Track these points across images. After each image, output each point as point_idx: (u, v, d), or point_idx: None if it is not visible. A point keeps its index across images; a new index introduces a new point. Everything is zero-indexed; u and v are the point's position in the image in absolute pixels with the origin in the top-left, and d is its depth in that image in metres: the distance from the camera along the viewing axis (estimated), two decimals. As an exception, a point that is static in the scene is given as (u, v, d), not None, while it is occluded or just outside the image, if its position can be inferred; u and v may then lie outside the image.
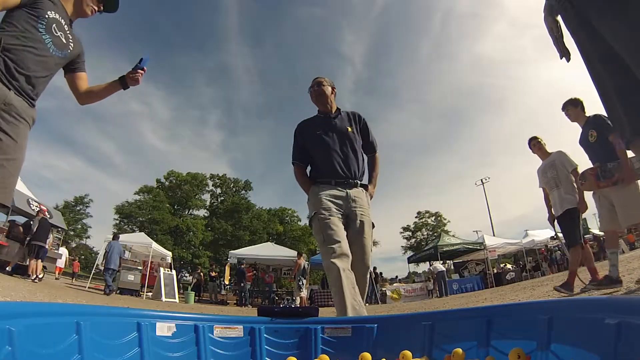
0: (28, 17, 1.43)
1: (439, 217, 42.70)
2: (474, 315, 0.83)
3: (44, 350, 0.61)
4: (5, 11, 1.40)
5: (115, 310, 0.81)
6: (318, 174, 2.21)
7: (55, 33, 1.52)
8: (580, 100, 3.56)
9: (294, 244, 33.50)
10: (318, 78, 2.33)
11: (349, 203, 2.09)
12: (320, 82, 2.30)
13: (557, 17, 1.30)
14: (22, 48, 1.39)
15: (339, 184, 2.13)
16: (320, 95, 2.27)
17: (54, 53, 1.52)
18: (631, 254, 13.39)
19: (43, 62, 1.47)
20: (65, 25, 1.60)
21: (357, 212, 2.09)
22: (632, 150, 1.06)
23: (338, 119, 2.27)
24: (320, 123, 2.28)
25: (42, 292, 5.35)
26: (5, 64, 1.34)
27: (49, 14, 1.49)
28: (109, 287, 9.47)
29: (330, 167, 2.15)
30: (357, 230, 2.07)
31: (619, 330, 0.49)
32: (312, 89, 2.30)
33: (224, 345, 0.91)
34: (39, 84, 1.48)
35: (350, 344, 0.95)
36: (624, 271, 4.87)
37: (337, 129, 2.23)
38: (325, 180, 2.15)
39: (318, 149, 2.22)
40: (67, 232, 19.85)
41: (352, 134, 2.24)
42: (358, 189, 2.18)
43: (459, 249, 18.30)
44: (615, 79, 1.06)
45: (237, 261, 14.59)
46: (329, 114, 2.29)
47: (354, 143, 2.23)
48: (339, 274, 1.78)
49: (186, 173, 39.29)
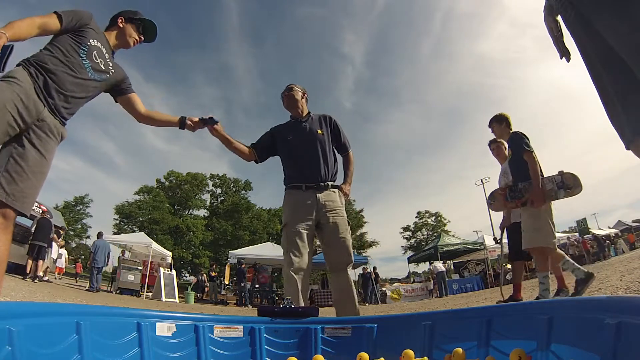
0: (72, 42, 1.56)
1: (439, 217, 42.68)
2: (474, 315, 0.83)
3: (44, 350, 0.61)
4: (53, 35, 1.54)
5: (115, 310, 0.81)
6: (289, 179, 2.30)
7: (95, 60, 1.63)
8: (505, 117, 3.41)
9: (294, 244, 33.43)
10: (290, 84, 2.41)
11: (320, 209, 2.17)
12: (291, 88, 2.38)
13: (557, 17, 1.30)
14: (62, 69, 1.50)
15: (310, 188, 2.21)
16: (291, 99, 2.35)
17: (92, 76, 1.62)
18: (631, 254, 13.40)
19: (81, 84, 1.57)
20: (107, 53, 1.71)
21: (329, 215, 2.18)
22: (632, 151, 1.06)
23: (308, 122, 2.34)
24: (292, 127, 2.35)
25: (42, 292, 5.35)
26: (44, 82, 1.44)
27: (91, 41, 1.62)
28: (93, 285, 9.64)
29: (300, 172, 2.25)
30: (331, 231, 2.17)
31: (618, 330, 0.49)
32: (284, 94, 2.38)
33: (224, 345, 0.91)
34: (75, 104, 1.58)
35: (350, 344, 0.95)
36: (624, 271, 4.87)
37: (307, 133, 2.30)
38: (297, 185, 2.23)
39: (288, 154, 2.32)
40: (67, 232, 19.84)
41: (322, 136, 2.30)
42: (329, 191, 2.24)
43: (459, 249, 18.30)
44: (615, 79, 1.06)
45: (237, 261, 14.60)
46: (299, 119, 2.36)
47: (324, 145, 2.29)
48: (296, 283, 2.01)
49: (186, 173, 39.28)
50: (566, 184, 2.99)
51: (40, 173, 1.45)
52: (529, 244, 3.06)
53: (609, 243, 19.42)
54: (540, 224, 2.99)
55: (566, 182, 2.99)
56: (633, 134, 1.02)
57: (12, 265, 9.19)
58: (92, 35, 1.62)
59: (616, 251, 18.66)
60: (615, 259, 13.03)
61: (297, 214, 2.16)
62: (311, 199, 2.18)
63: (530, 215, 3.05)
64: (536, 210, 2.99)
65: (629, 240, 20.78)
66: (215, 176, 41.32)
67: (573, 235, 20.81)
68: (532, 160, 3.05)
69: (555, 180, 3.04)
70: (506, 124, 3.40)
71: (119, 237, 15.91)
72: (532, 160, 3.05)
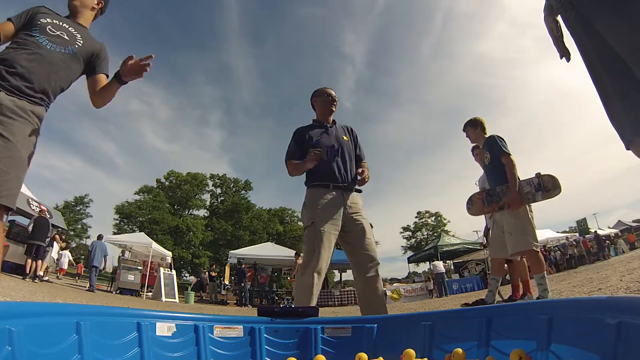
0: (24, 31, 1.54)
1: (439, 217, 42.69)
2: (474, 315, 0.83)
3: (44, 350, 0.61)
4: None
5: (115, 310, 0.81)
6: (316, 177, 2.26)
7: (52, 33, 1.57)
8: (480, 121, 3.40)
9: (294, 244, 33.47)
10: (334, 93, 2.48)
11: (346, 210, 2.18)
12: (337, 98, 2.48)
13: (557, 17, 1.30)
14: (14, 53, 1.46)
15: (337, 188, 2.21)
16: (335, 108, 2.45)
17: (53, 48, 1.55)
18: (631, 254, 13.40)
19: (40, 59, 1.49)
20: (66, 25, 1.64)
21: (355, 217, 2.19)
22: (633, 151, 1.06)
23: (334, 129, 2.42)
24: (319, 130, 2.39)
25: (42, 292, 5.35)
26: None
27: (41, 21, 1.58)
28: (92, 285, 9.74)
29: (329, 171, 2.23)
30: (360, 234, 2.17)
31: (619, 330, 0.49)
32: (334, 102, 2.44)
33: (224, 345, 0.91)
34: (38, 80, 1.49)
35: (350, 344, 0.95)
36: (624, 271, 4.87)
37: (335, 137, 2.36)
38: (324, 184, 2.21)
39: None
40: (67, 232, 19.82)
41: (347, 142, 2.39)
42: (354, 193, 2.28)
43: (459, 249, 18.31)
44: (615, 79, 1.05)
45: (237, 261, 14.60)
46: (326, 124, 2.42)
47: (350, 151, 2.37)
48: (314, 285, 1.99)
49: (186, 173, 39.30)
50: (544, 186, 2.97)
51: (8, 158, 1.34)
52: (514, 249, 3.02)
53: (609, 243, 19.42)
54: (524, 228, 2.96)
55: (544, 185, 2.97)
56: (633, 133, 1.02)
57: (12, 265, 9.19)
58: (43, 16, 1.59)
59: (616, 251, 18.66)
60: (615, 259, 13.04)
61: (325, 212, 2.13)
62: (339, 199, 2.18)
63: (512, 219, 3.02)
64: (516, 213, 2.97)
65: (629, 240, 20.78)
66: (215, 176, 41.36)
67: (573, 236, 20.81)
68: (510, 162, 3.02)
69: (532, 183, 3.02)
70: (481, 129, 3.39)
71: (119, 237, 15.89)
72: (510, 163, 3.02)
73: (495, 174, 3.18)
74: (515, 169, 3.01)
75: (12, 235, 9.47)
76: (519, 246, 2.98)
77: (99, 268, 10.23)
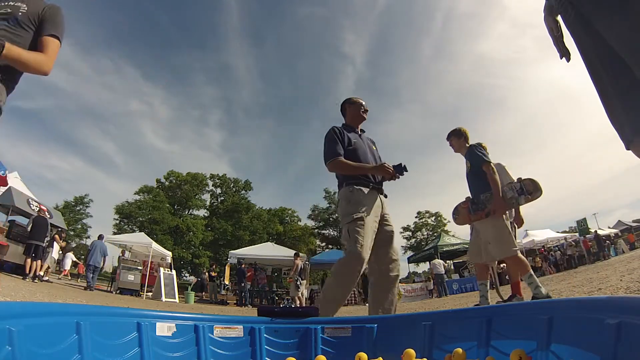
0: None
1: (439, 217, 42.64)
2: (474, 315, 0.83)
3: (44, 350, 0.61)
4: None
5: (115, 310, 0.81)
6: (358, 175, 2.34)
7: None
8: (464, 132, 3.52)
9: (294, 244, 33.49)
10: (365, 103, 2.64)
11: (382, 210, 2.32)
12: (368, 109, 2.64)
13: (557, 17, 1.30)
14: None
15: (375, 190, 2.32)
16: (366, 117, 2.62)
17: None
18: (631, 254, 13.41)
19: None
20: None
21: (388, 218, 2.33)
22: (632, 151, 1.06)
23: (364, 137, 2.58)
24: (354, 134, 2.53)
25: (42, 292, 5.35)
26: None
27: None
28: (89, 284, 9.77)
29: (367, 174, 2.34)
30: (391, 237, 2.31)
31: (619, 330, 0.49)
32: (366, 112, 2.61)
33: (224, 345, 0.91)
34: None
35: (350, 344, 0.95)
36: (624, 271, 4.87)
37: (367, 142, 2.55)
38: (365, 183, 2.29)
39: (354, 155, 2.39)
40: (67, 232, 19.80)
41: (375, 150, 2.60)
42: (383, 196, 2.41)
43: (459, 249, 18.30)
44: (615, 79, 1.05)
45: (237, 261, 14.60)
46: (357, 130, 2.58)
47: (378, 157, 2.57)
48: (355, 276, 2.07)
49: (186, 173, 39.28)
50: (526, 190, 3.05)
51: None
52: (499, 256, 3.10)
53: (609, 243, 19.42)
54: (501, 237, 3.03)
55: (526, 188, 3.06)
56: (633, 133, 1.02)
57: (12, 265, 9.19)
58: None
59: (616, 251, 18.66)
60: (615, 259, 13.04)
61: (371, 209, 2.22)
62: (378, 200, 2.30)
63: (493, 227, 3.08)
64: (496, 221, 3.04)
65: (629, 240, 20.78)
66: (215, 176, 41.34)
67: (573, 236, 20.82)
68: (490, 170, 3.12)
69: (514, 188, 3.11)
70: (464, 139, 3.52)
71: (119, 237, 15.89)
72: (491, 171, 3.11)
73: (476, 181, 3.30)
74: (496, 176, 3.11)
75: (12, 235, 9.45)
76: (499, 255, 3.09)
77: (97, 267, 10.24)
